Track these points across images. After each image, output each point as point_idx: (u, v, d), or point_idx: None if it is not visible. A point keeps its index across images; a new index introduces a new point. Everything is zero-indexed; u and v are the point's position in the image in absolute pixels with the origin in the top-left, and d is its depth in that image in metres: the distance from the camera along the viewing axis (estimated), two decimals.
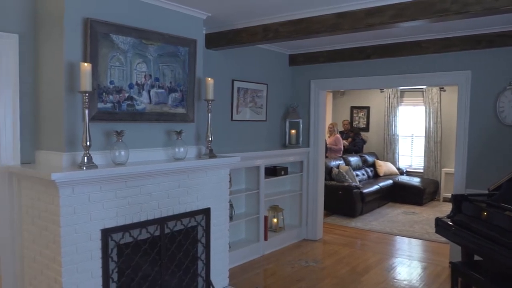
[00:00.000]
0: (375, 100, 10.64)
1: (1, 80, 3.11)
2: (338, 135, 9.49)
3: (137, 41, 3.45)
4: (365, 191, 7.91)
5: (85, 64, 2.98)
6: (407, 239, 6.49)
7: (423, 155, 9.95)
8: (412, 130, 10.28)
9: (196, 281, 3.92)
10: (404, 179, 9.37)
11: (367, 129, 10.77)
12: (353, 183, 7.96)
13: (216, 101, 4.18)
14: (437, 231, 4.12)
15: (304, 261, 5.39)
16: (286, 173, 6.01)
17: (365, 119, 10.84)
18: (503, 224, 3.34)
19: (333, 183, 7.90)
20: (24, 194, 3.21)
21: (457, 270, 3.81)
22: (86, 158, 2.98)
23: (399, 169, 9.98)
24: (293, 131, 6.16)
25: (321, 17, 3.86)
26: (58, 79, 3.10)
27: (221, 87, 4.89)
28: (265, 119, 5.79)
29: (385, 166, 9.79)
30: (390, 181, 9.06)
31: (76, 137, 3.11)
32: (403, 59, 5.33)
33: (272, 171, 5.83)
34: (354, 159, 9.16)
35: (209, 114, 3.99)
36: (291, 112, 6.17)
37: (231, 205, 4.75)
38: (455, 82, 5.08)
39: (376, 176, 9.55)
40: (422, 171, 9.96)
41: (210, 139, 3.99)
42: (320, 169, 6.33)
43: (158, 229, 3.52)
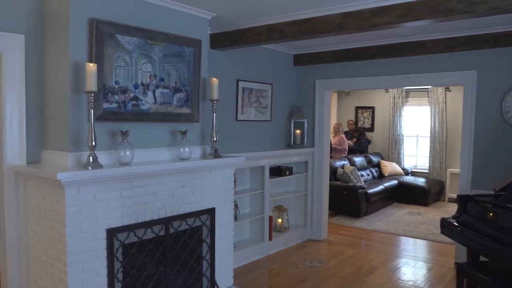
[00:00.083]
0: (380, 100, 10.61)
1: (8, 80, 3.13)
2: (343, 135, 9.49)
3: (142, 41, 3.46)
4: (370, 191, 7.89)
5: (91, 64, 2.99)
6: (412, 239, 6.47)
7: (428, 155, 9.92)
8: (417, 130, 10.25)
9: (200, 281, 3.92)
10: (409, 179, 9.34)
11: (372, 129, 10.75)
12: (358, 183, 7.94)
13: (221, 101, 4.19)
14: (443, 232, 4.10)
15: (309, 261, 5.38)
16: (291, 173, 6.01)
17: (370, 119, 10.82)
18: (509, 224, 3.33)
19: (338, 183, 7.89)
20: (29, 194, 3.22)
21: (462, 271, 3.79)
22: (91, 158, 2.99)
23: (404, 169, 9.96)
24: (298, 131, 6.15)
25: (326, 17, 3.86)
26: (63, 79, 3.11)
27: (226, 87, 4.89)
28: (270, 119, 5.79)
29: (390, 166, 9.77)
30: (395, 182, 9.04)
31: (81, 137, 3.12)
32: (408, 59, 5.32)
33: (277, 171, 5.83)
34: (359, 159, 9.15)
35: (214, 114, 4.00)
36: (296, 112, 6.17)
37: (235, 205, 4.76)
38: (461, 82, 5.06)
39: (381, 177, 9.53)
40: (427, 171, 9.93)
41: (215, 139, 3.99)
42: (325, 169, 6.33)
43: (163, 229, 3.53)
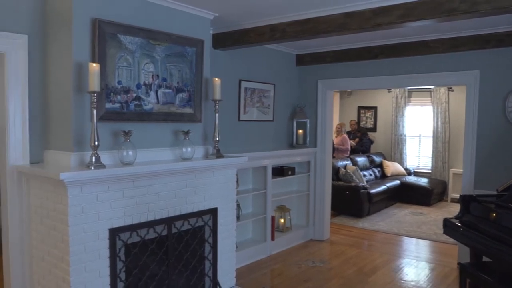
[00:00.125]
0: (383, 100, 10.60)
1: (11, 80, 3.14)
2: (345, 135, 9.47)
3: (144, 42, 3.46)
4: (373, 191, 7.88)
5: (94, 64, 2.99)
6: (414, 239, 6.46)
7: (431, 156, 9.90)
8: (419, 130, 10.23)
9: (203, 281, 3.92)
10: (412, 179, 9.32)
11: (374, 129, 10.74)
12: (360, 184, 7.93)
13: (223, 101, 4.19)
14: (445, 232, 4.09)
15: (311, 261, 5.38)
16: (293, 173, 6.00)
17: (373, 119, 10.81)
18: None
19: (340, 183, 7.88)
20: (32, 194, 3.23)
21: (465, 271, 3.78)
22: (94, 158, 3.00)
23: (406, 169, 9.94)
24: (300, 131, 6.15)
25: (329, 17, 3.86)
26: (66, 79, 3.12)
27: (228, 87, 4.89)
28: (272, 119, 5.79)
29: (392, 167, 9.75)
30: (398, 182, 9.02)
31: (84, 137, 3.12)
32: (411, 59, 5.31)
33: (279, 171, 5.82)
34: (361, 159, 9.14)
35: (216, 114, 4.00)
36: (298, 112, 6.17)
37: (238, 205, 4.75)
38: (463, 82, 5.05)
39: (384, 177, 9.52)
40: (429, 171, 9.91)
41: (217, 139, 3.99)
42: (327, 169, 6.32)
43: (166, 228, 3.53)
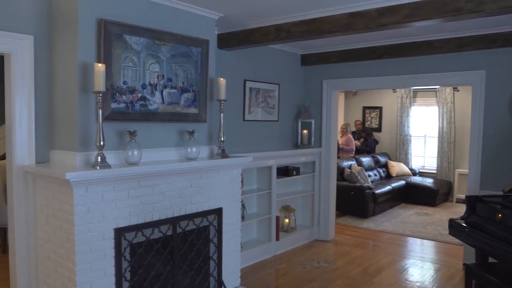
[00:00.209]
0: (388, 100, 10.57)
1: (17, 81, 3.15)
2: (350, 135, 9.47)
3: (150, 42, 3.47)
4: (377, 191, 7.86)
5: (99, 65, 3.00)
6: (419, 240, 6.44)
7: (436, 156, 9.87)
8: (425, 130, 10.20)
9: (208, 280, 3.93)
10: (417, 179, 9.29)
11: (379, 129, 10.71)
12: (365, 184, 7.91)
13: (228, 101, 4.19)
14: (451, 233, 4.08)
15: (316, 261, 5.37)
16: (298, 173, 6.00)
17: (378, 119, 10.78)
18: None
19: (345, 183, 7.87)
20: (38, 193, 3.25)
21: (471, 272, 3.76)
22: (99, 158, 3.01)
23: (411, 169, 9.91)
24: (305, 131, 6.14)
25: (334, 17, 3.85)
26: (72, 79, 3.13)
27: (233, 87, 4.90)
28: (277, 119, 5.79)
29: (397, 167, 9.73)
30: (403, 182, 9.00)
31: (89, 137, 3.14)
32: (416, 59, 5.29)
33: (284, 171, 5.82)
34: (366, 160, 9.12)
35: (221, 114, 4.00)
36: (303, 112, 6.16)
37: (243, 205, 4.76)
38: (469, 82, 5.03)
39: (389, 177, 9.50)
40: (435, 171, 9.88)
41: (222, 139, 4.00)
42: (332, 170, 6.31)
43: (171, 228, 3.54)
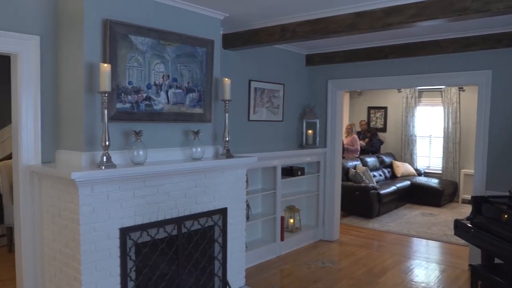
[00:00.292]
0: (393, 100, 10.54)
1: (23, 81, 3.17)
2: (355, 136, 9.45)
3: (155, 42, 3.48)
4: (382, 192, 7.84)
5: (105, 65, 3.01)
6: (425, 241, 6.41)
7: (441, 156, 9.83)
8: (430, 130, 10.16)
9: (212, 280, 3.93)
10: (422, 180, 9.26)
11: (384, 129, 10.68)
12: (370, 184, 7.89)
13: (233, 101, 4.19)
14: (456, 233, 4.07)
15: (321, 262, 5.37)
16: (303, 173, 5.99)
17: (383, 120, 10.75)
18: None
19: (350, 183, 7.85)
20: (44, 193, 3.26)
21: (476, 273, 3.75)
22: (105, 157, 3.02)
23: (416, 170, 9.88)
24: (310, 131, 6.13)
25: (339, 17, 3.84)
26: (77, 79, 3.14)
27: (238, 87, 4.90)
28: (281, 119, 5.78)
29: (402, 167, 9.70)
30: (408, 182, 8.97)
31: (95, 137, 3.14)
32: (421, 58, 5.27)
33: (289, 172, 5.82)
34: (371, 160, 9.10)
35: (226, 114, 4.00)
36: (308, 112, 6.16)
37: (247, 205, 4.76)
38: (475, 82, 5.01)
39: (394, 177, 9.47)
40: (440, 172, 9.84)
41: (227, 139, 4.00)
42: (337, 170, 6.30)
43: (176, 228, 3.54)
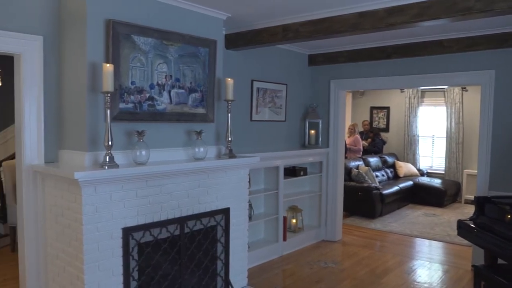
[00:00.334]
0: (395, 100, 10.52)
1: (26, 81, 3.18)
2: (358, 136, 9.43)
3: (158, 42, 3.48)
4: (385, 192, 7.83)
5: (107, 65, 3.01)
6: (427, 241, 6.40)
7: (444, 156, 9.81)
8: (433, 130, 10.14)
9: (215, 280, 3.94)
10: (425, 180, 9.24)
11: (387, 129, 10.67)
12: (373, 184, 7.88)
13: (235, 101, 4.19)
14: (459, 234, 4.06)
15: (323, 262, 5.36)
16: (305, 173, 5.99)
17: (385, 120, 10.73)
18: None
19: (352, 183, 7.84)
20: (47, 193, 3.27)
21: (480, 274, 3.74)
22: (108, 157, 3.02)
23: (419, 170, 9.87)
24: (312, 131, 6.13)
25: (342, 16, 3.84)
26: (80, 79, 3.15)
27: (240, 87, 4.90)
28: (284, 119, 5.78)
29: (405, 167, 9.69)
30: (410, 182, 8.95)
31: (98, 137, 3.15)
32: (424, 58, 5.26)
33: (291, 172, 5.81)
34: (373, 160, 9.09)
35: (229, 114, 4.00)
36: (310, 112, 6.15)
37: (250, 205, 4.75)
38: (478, 81, 4.99)
39: (396, 177, 9.46)
40: (443, 172, 9.82)
41: (229, 139, 4.00)
42: (340, 170, 6.29)
43: (178, 228, 3.55)
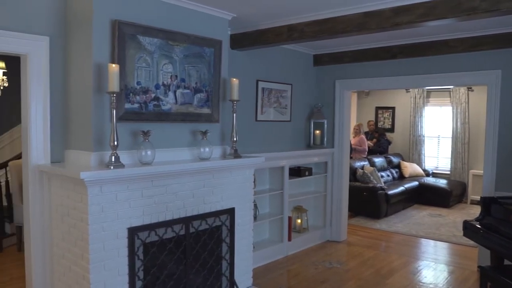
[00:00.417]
0: (401, 100, 10.49)
1: (33, 81, 3.20)
2: (363, 136, 9.42)
3: (163, 42, 3.49)
4: (390, 192, 7.80)
5: (113, 65, 3.02)
6: (433, 241, 6.38)
7: (450, 157, 9.77)
8: (438, 130, 10.10)
9: (220, 280, 3.94)
10: (430, 180, 9.21)
11: (392, 129, 10.64)
12: (378, 184, 7.86)
13: (240, 102, 4.19)
14: (465, 234, 4.04)
15: (328, 262, 5.36)
16: (310, 173, 5.98)
17: (390, 120, 10.70)
18: None
19: (357, 184, 7.83)
20: (53, 192, 3.29)
21: (486, 275, 3.72)
22: (113, 157, 3.03)
23: (425, 170, 9.83)
24: (317, 131, 6.12)
25: (347, 16, 3.83)
26: (86, 80, 3.16)
27: (245, 87, 4.90)
28: (289, 119, 5.78)
29: (410, 167, 9.65)
30: (416, 183, 8.92)
31: (104, 137, 3.16)
32: (430, 58, 5.24)
33: (296, 172, 5.81)
34: (379, 160, 9.07)
35: (234, 115, 4.01)
36: (315, 112, 6.14)
37: (255, 205, 4.76)
38: (484, 81, 4.97)
39: (401, 178, 9.43)
40: (448, 172, 9.78)
41: (235, 139, 4.00)
42: (345, 170, 6.28)
43: (183, 228, 3.55)
